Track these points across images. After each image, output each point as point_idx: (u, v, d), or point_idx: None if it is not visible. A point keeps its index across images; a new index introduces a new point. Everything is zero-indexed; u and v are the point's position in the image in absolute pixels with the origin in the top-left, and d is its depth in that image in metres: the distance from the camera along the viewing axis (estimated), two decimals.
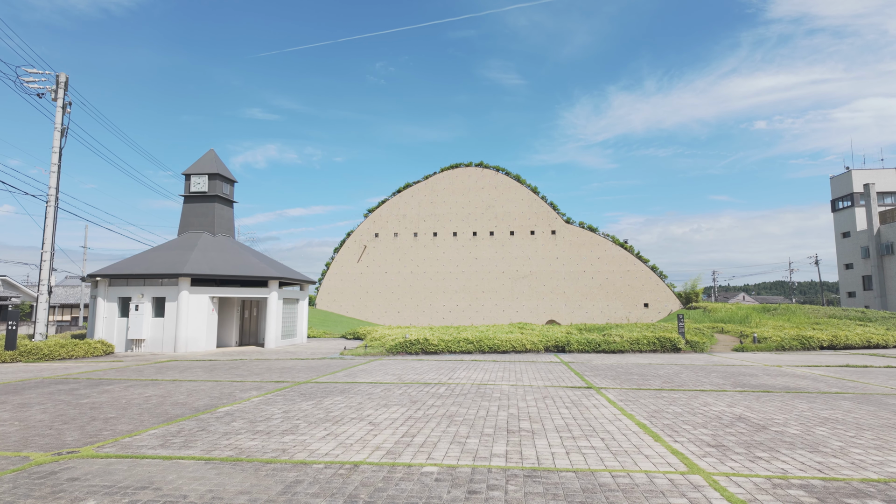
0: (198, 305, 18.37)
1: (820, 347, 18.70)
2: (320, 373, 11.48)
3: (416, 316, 39.12)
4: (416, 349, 16.56)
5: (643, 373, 11.36)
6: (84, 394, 8.63)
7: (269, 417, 6.51)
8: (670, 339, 17.62)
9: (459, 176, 42.11)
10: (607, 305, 38.49)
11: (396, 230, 41.16)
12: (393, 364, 13.35)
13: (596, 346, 17.36)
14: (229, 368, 12.57)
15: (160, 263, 18.83)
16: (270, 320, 19.66)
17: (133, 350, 18.11)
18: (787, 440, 5.22)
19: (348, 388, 8.96)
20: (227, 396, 8.23)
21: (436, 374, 11.12)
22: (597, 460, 4.48)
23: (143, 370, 12.34)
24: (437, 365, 12.97)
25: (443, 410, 6.88)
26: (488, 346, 16.88)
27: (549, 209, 40.54)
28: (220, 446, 5.06)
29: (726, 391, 8.69)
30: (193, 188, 21.71)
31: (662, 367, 12.61)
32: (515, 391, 8.60)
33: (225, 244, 21.05)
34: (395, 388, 8.90)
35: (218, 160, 22.54)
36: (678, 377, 10.61)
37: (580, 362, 13.81)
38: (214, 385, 9.57)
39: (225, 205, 22.45)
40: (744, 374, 11.19)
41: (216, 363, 13.86)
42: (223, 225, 22.14)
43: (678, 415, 6.60)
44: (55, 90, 18.13)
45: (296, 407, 7.21)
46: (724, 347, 19.22)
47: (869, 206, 44.50)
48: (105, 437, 5.54)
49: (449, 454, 4.68)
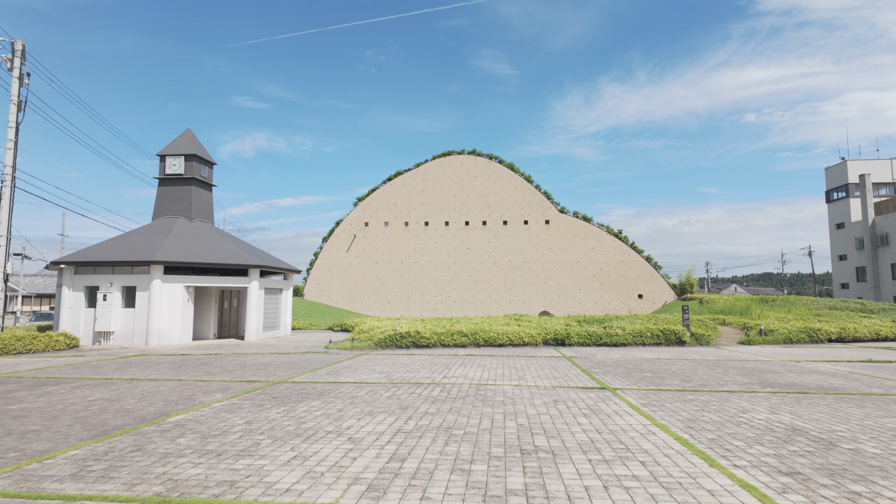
0: (171, 295, 17.03)
1: (828, 340, 17.95)
2: (300, 370, 10.31)
3: (407, 307, 37.97)
4: (406, 342, 15.44)
5: (655, 369, 10.35)
6: (18, 397, 7.37)
7: (227, 430, 5.33)
8: (675, 331, 16.69)
9: (452, 164, 40.80)
10: (601, 296, 37.66)
11: (387, 219, 39.83)
12: (381, 359, 12.21)
13: (597, 339, 16.39)
14: (200, 364, 11.34)
15: (131, 250, 17.43)
16: (251, 311, 18.38)
17: (101, 343, 16.76)
18: (874, 463, 4.18)
19: (329, 390, 7.81)
20: (186, 401, 7.04)
21: (428, 371, 10.01)
22: (648, 501, 3.38)
23: (103, 366, 11.07)
24: (429, 360, 11.86)
25: (438, 420, 5.76)
26: (484, 339, 15.81)
27: (543, 198, 39.44)
28: (151, 477, 3.88)
29: (757, 392, 7.69)
30: (169, 170, 20.23)
31: (673, 362, 11.63)
32: (520, 393, 7.51)
33: (202, 230, 19.66)
34: (382, 390, 7.76)
35: (195, 140, 21.05)
36: (695, 375, 9.61)
37: (583, 357, 12.80)
38: (176, 386, 8.36)
39: (203, 188, 21.00)
40: (764, 370, 10.23)
41: (187, 358, 12.62)
42: (201, 210, 20.72)
43: (719, 425, 5.55)
44: (10, 59, 16.50)
45: (262, 416, 6.04)
46: (728, 340, 18.37)
47: (864, 197, 44.05)
48: (7, 461, 4.33)
49: (451, 491, 3.55)
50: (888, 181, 48.15)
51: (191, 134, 21.14)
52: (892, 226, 42.13)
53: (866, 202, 44.03)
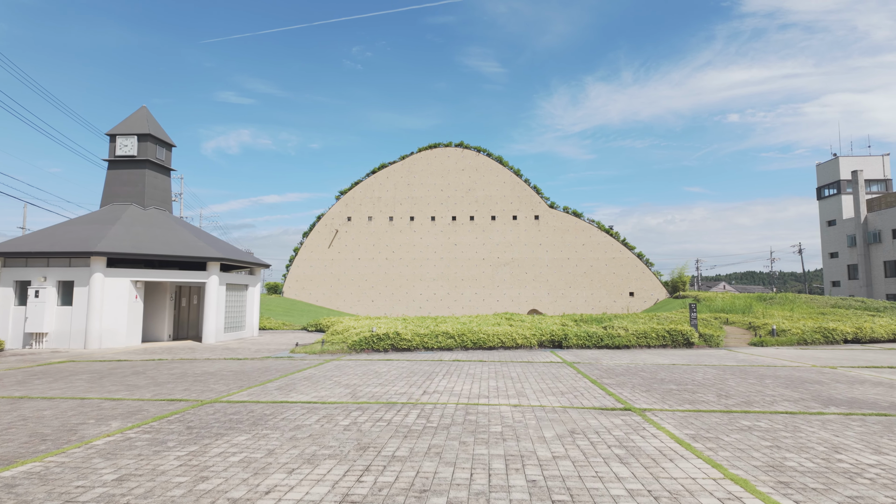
0: (116, 291, 14.89)
1: (843, 341, 16.59)
2: (247, 382, 8.38)
3: (392, 305, 36.03)
4: (384, 345, 13.57)
5: (677, 379, 8.66)
6: None
7: (73, 500, 3.42)
8: (682, 332, 15.11)
9: (438, 157, 38.90)
10: (591, 294, 36.18)
11: (371, 214, 37.80)
12: (352, 367, 10.33)
13: (598, 340, 14.71)
14: (130, 374, 9.32)
15: (69, 240, 15.23)
16: (209, 310, 16.29)
17: (33, 346, 14.55)
18: None
19: (269, 415, 5.91)
20: (63, 434, 5.09)
21: (405, 384, 8.17)
22: None
23: (5, 378, 8.99)
24: (408, 368, 10.02)
25: (409, 474, 3.92)
26: (472, 341, 14.01)
27: (532, 193, 37.80)
28: None
29: (824, 414, 6.01)
30: (119, 151, 18.01)
31: (692, 369, 9.97)
32: (523, 419, 5.71)
33: (157, 218, 17.50)
34: (340, 416, 5.89)
35: (151, 119, 18.84)
36: (728, 386, 7.94)
37: (587, 362, 11.08)
38: (71, 408, 6.38)
39: (159, 172, 18.80)
40: (804, 379, 8.61)
41: (120, 365, 10.57)
42: (157, 196, 18.53)
43: (822, 478, 3.82)
44: None
45: (150, 465, 4.13)
46: (737, 341, 16.86)
47: (857, 194, 43.31)
48: None
49: None
50: (880, 178, 47.61)
51: (146, 111, 18.93)
52: (885, 223, 41.45)
53: (859, 199, 43.29)
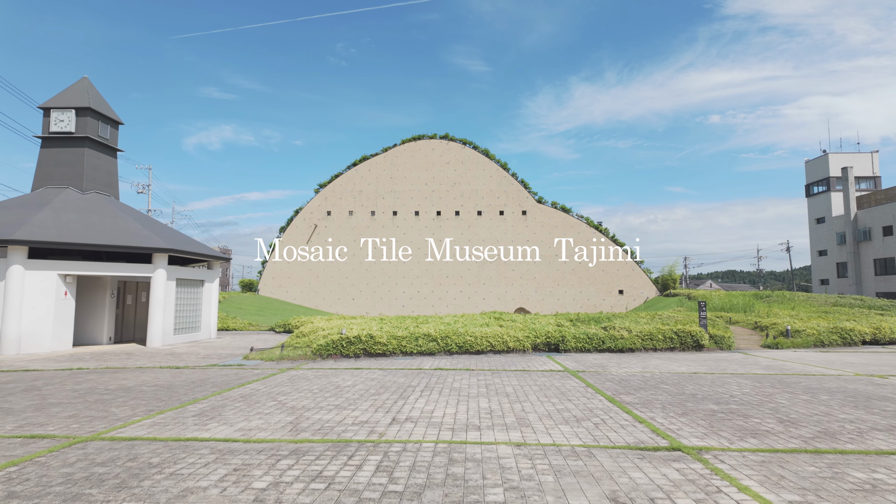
0: (40, 287, 12.68)
1: (862, 342, 15.27)
2: (167, 403, 6.40)
3: (373, 303, 34.00)
4: (355, 350, 11.64)
5: (710, 394, 6.95)
6: None
7: None
8: (690, 333, 13.52)
9: (422, 149, 36.94)
10: (580, 292, 34.69)
11: (351, 208, 35.68)
12: (310, 378, 8.40)
13: (599, 343, 13.02)
14: (19, 391, 7.24)
15: None
16: (155, 309, 14.12)
17: None
18: None
19: (150, 470, 3.97)
20: None
21: (370, 405, 6.29)
22: None
23: None
24: (379, 380, 8.14)
25: None
26: (457, 344, 12.18)
27: (519, 187, 36.12)
28: None
29: None
30: (54, 127, 15.70)
31: (719, 378, 8.29)
32: (532, 472, 3.89)
33: (96, 204, 15.25)
34: (259, 470, 3.96)
35: (93, 90, 16.55)
36: (779, 405, 6.24)
37: (593, 371, 9.33)
38: None
39: (102, 152, 16.51)
40: (867, 395, 6.97)
41: (21, 377, 8.44)
42: (99, 178, 16.25)
43: None
44: None
45: None
46: (746, 342, 15.37)
47: (847, 191, 42.67)
48: None
49: None
50: (869, 175, 47.19)
51: (87, 83, 16.61)
52: (875, 220, 40.87)
53: (849, 196, 42.66)
